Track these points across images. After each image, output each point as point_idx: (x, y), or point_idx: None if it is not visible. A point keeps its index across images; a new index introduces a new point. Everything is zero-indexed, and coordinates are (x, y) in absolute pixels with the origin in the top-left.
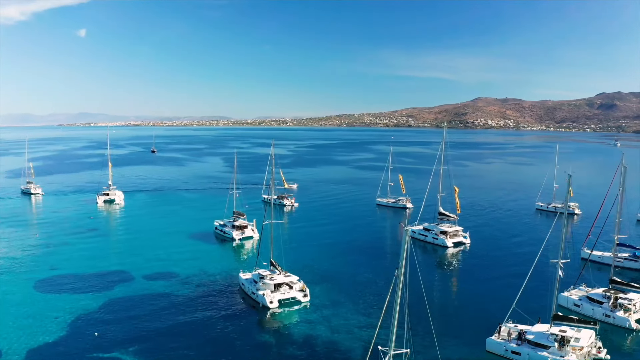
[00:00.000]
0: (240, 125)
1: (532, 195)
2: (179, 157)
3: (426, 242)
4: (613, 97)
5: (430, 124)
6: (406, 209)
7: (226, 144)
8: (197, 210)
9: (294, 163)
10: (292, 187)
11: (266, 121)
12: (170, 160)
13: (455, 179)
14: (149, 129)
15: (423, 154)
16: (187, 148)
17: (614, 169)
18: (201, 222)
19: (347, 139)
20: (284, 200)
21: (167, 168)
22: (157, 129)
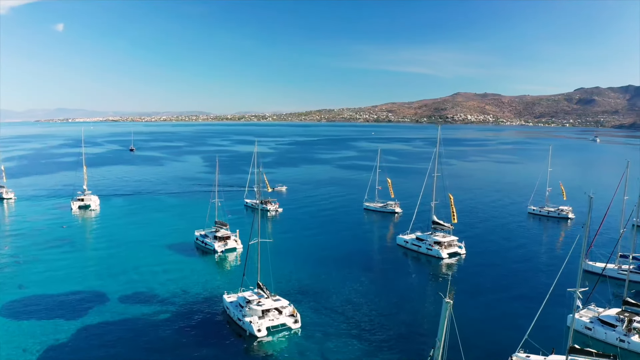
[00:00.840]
0: (220, 120)
1: (522, 198)
2: (158, 156)
3: (419, 252)
4: (592, 92)
5: (410, 119)
6: (395, 213)
7: (206, 141)
8: (177, 217)
9: (276, 162)
10: (282, 190)
11: (246, 116)
12: (149, 159)
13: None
14: (127, 125)
15: (406, 152)
16: (166, 146)
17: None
18: (181, 231)
19: (328, 135)
20: (267, 205)
21: (146, 168)
22: (136, 125)
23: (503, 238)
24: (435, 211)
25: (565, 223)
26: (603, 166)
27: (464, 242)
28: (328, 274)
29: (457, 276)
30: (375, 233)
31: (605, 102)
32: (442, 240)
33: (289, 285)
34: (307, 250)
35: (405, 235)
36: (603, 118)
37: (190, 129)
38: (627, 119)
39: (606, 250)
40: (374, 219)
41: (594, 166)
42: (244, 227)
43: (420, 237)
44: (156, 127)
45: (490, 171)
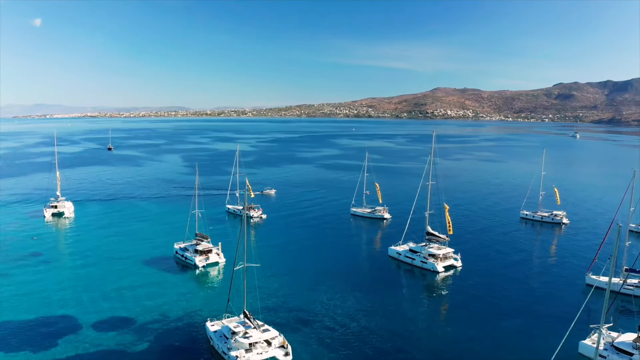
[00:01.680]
0: (199, 116)
1: (514, 201)
2: (136, 155)
3: (413, 265)
4: (570, 87)
5: (390, 114)
6: (384, 219)
7: (185, 139)
8: (156, 225)
9: (257, 162)
10: (270, 193)
11: (225, 112)
12: (127, 159)
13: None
14: (106, 121)
15: (389, 150)
16: (145, 144)
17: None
18: (160, 242)
19: (308, 131)
20: (251, 211)
21: (124, 169)
22: (114, 121)
23: (498, 247)
24: (428, 221)
25: (559, 228)
26: (592, 165)
27: (459, 254)
28: (317, 293)
29: (454, 292)
30: (364, 243)
31: (584, 97)
32: (438, 252)
33: (277, 308)
34: (294, 265)
35: (397, 246)
36: (582, 113)
37: (169, 125)
38: (606, 113)
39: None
40: (363, 226)
41: (582, 165)
42: (226, 238)
43: (414, 249)
44: (135, 123)
45: (478, 171)
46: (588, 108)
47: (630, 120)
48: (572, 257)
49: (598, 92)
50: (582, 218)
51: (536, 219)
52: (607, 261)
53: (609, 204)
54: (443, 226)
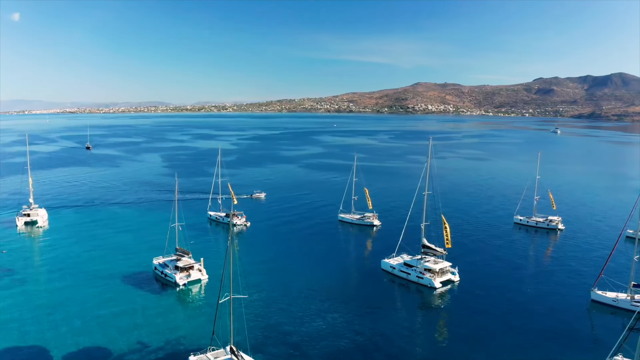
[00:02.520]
0: (179, 111)
1: (505, 204)
2: (115, 154)
3: (409, 280)
4: (550, 82)
5: (371, 109)
6: (373, 226)
7: (165, 136)
8: (134, 236)
9: (240, 162)
10: (260, 197)
11: (206, 107)
12: (105, 159)
13: (410, 179)
14: (85, 117)
15: (373, 148)
16: (124, 142)
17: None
18: (138, 256)
19: (290, 127)
20: (234, 219)
21: (102, 171)
22: (93, 117)
23: (494, 258)
24: (424, 233)
25: (555, 235)
26: (580, 164)
27: (457, 267)
28: (309, 318)
29: (452, 310)
30: (355, 254)
31: (564, 92)
32: (435, 267)
33: (266, 339)
34: (281, 285)
35: (390, 259)
36: (562, 108)
37: (149, 121)
38: (586, 108)
39: (618, 279)
40: (352, 234)
41: (570, 164)
42: (209, 250)
43: (409, 263)
44: (114, 119)
45: (465, 171)
46: (568, 103)
47: (610, 115)
48: (573, 269)
49: (578, 87)
50: (578, 223)
51: (531, 225)
52: (613, 276)
53: (604, 206)
54: (439, 237)
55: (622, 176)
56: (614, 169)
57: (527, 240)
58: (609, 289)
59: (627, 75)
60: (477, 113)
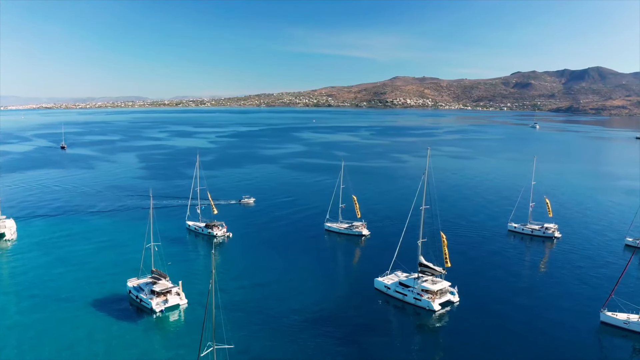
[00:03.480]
0: (157, 106)
1: (496, 208)
2: (90, 154)
3: (405, 302)
4: (528, 76)
5: (350, 104)
6: (362, 236)
7: (141, 134)
8: (108, 252)
9: (219, 162)
10: (249, 202)
11: (184, 101)
12: (80, 160)
13: (396, 180)
14: (61, 113)
15: (355, 145)
16: (100, 141)
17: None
18: (112, 276)
19: (269, 123)
20: (214, 229)
21: (76, 174)
22: (69, 113)
23: (492, 272)
24: (421, 250)
25: (551, 243)
26: (566, 162)
27: (456, 287)
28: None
29: (453, 334)
30: (345, 269)
31: (542, 86)
32: (433, 287)
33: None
34: (266, 309)
35: (384, 277)
36: (540, 102)
37: (126, 117)
38: (564, 102)
39: (630, 299)
40: (340, 245)
41: (556, 162)
42: (188, 271)
43: (405, 283)
44: (91, 115)
45: (451, 172)
46: (546, 97)
47: (588, 109)
48: (577, 285)
49: (555, 81)
50: (574, 230)
51: (526, 233)
52: (622, 296)
53: (598, 210)
54: (436, 253)
55: (612, 176)
56: (604, 168)
57: (523, 250)
58: (619, 310)
59: (604, 69)
60: (455, 107)
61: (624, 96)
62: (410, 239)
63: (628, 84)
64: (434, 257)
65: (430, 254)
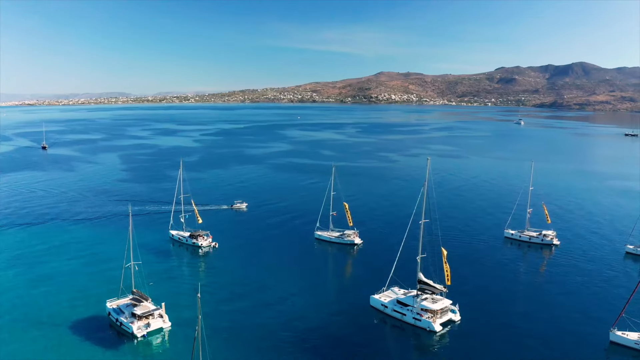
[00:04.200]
0: (140, 102)
1: (490, 212)
2: (71, 155)
3: (404, 322)
4: (512, 71)
5: (335, 99)
6: (354, 245)
7: (124, 132)
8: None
9: (202, 163)
10: (241, 208)
11: (167, 97)
12: (61, 160)
13: (386, 183)
14: (43, 110)
15: (341, 144)
16: (81, 140)
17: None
18: (90, 295)
19: (254, 120)
20: (198, 239)
21: (56, 176)
22: (52, 110)
23: (492, 284)
24: (421, 267)
25: (549, 251)
26: (557, 162)
27: (457, 304)
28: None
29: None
30: (337, 283)
31: (526, 82)
32: (434, 307)
33: None
34: (254, 325)
35: (381, 294)
36: (524, 97)
37: (109, 114)
38: (548, 97)
39: None
40: (331, 255)
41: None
42: (172, 290)
43: (404, 302)
44: (73, 112)
45: (442, 172)
46: (530, 92)
47: (571, 104)
48: (581, 299)
49: (539, 76)
50: (573, 237)
51: (523, 240)
52: (634, 315)
53: (596, 214)
54: (436, 270)
55: (606, 176)
56: (598, 167)
57: (522, 260)
58: (629, 328)
59: (588, 64)
60: (440, 102)
61: (607, 91)
62: (408, 253)
63: (612, 80)
64: (433, 273)
65: (430, 270)
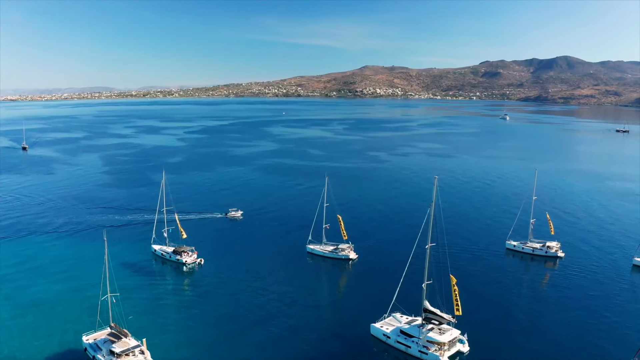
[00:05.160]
0: (124, 97)
1: (490, 219)
2: (51, 156)
3: (408, 354)
4: (497, 65)
5: (320, 93)
6: (349, 260)
7: (107, 130)
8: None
9: (185, 165)
10: (236, 216)
11: (151, 92)
12: (41, 163)
13: (378, 186)
14: (26, 106)
15: (329, 142)
16: (62, 139)
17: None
18: (66, 328)
19: (238, 117)
20: (182, 256)
21: (34, 182)
22: (34, 106)
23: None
24: (426, 294)
25: (553, 264)
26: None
27: (466, 334)
28: None
29: None
30: (332, 306)
31: (510, 75)
32: (441, 338)
33: None
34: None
35: (382, 322)
36: (509, 91)
37: (92, 110)
38: (532, 91)
39: None
40: (324, 271)
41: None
42: (154, 321)
43: (408, 332)
44: (56, 108)
45: (434, 173)
46: (515, 86)
47: (556, 98)
48: (593, 322)
49: (524, 70)
50: (577, 248)
51: (526, 252)
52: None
53: (600, 220)
54: (442, 296)
55: (606, 177)
56: (595, 167)
57: (526, 275)
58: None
59: (572, 58)
60: (425, 96)
61: (592, 85)
62: (410, 275)
63: (596, 73)
64: (440, 301)
65: (437, 298)
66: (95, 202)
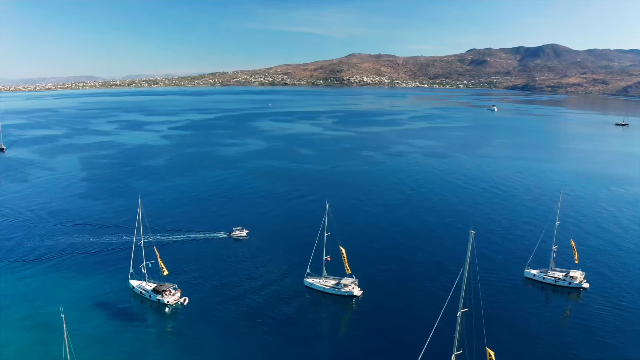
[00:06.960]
0: (108, 87)
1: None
2: (29, 158)
3: None
4: (484, 53)
5: (307, 82)
6: (353, 297)
7: (88, 126)
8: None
9: (167, 168)
10: (242, 235)
11: (136, 81)
12: (17, 167)
13: (376, 196)
14: (8, 97)
15: (318, 140)
16: (42, 137)
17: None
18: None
19: (224, 109)
20: (164, 296)
21: (7, 191)
22: (16, 97)
23: (524, 345)
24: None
25: (577, 295)
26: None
27: None
28: None
29: None
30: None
31: (497, 63)
32: None
33: None
34: None
35: None
36: (496, 79)
37: (75, 101)
38: (519, 79)
39: None
40: (326, 311)
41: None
42: None
43: None
44: (38, 100)
45: (432, 174)
46: (502, 74)
47: (544, 87)
48: None
49: (511, 58)
50: (601, 276)
51: (547, 282)
52: None
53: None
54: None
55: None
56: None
57: (547, 307)
58: None
59: (559, 46)
60: (412, 85)
61: (579, 73)
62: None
63: (583, 61)
64: None
65: None
66: (70, 217)
